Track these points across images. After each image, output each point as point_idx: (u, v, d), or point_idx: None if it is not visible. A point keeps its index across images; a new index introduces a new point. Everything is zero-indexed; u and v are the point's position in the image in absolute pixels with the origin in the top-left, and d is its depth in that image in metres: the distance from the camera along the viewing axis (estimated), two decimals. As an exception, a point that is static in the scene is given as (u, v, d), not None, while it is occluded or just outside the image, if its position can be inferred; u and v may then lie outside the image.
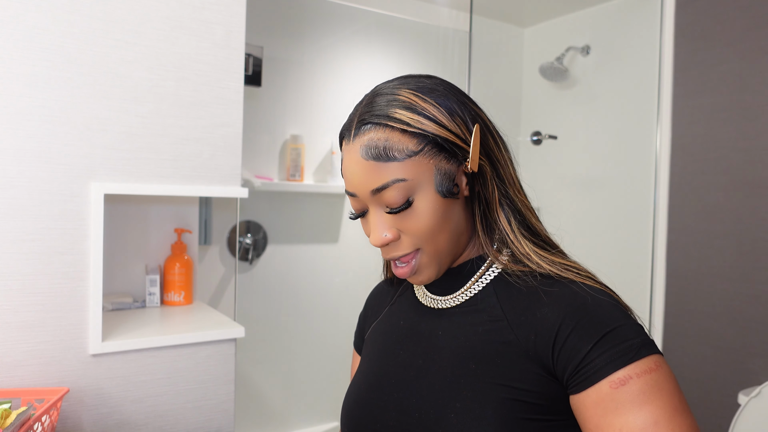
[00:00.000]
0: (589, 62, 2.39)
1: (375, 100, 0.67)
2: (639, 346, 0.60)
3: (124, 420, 1.19)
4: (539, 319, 0.64)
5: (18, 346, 1.10)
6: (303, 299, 2.24)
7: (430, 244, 0.67)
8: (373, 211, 0.68)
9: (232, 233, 1.98)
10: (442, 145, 0.65)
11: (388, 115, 0.65)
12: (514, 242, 0.68)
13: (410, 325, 0.77)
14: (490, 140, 0.69)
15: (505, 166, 0.70)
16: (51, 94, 1.12)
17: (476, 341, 0.68)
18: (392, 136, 0.64)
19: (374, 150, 0.65)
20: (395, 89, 0.67)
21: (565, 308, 0.63)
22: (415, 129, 0.64)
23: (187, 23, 1.26)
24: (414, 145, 0.64)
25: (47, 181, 1.12)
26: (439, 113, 0.65)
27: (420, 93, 0.66)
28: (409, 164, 0.64)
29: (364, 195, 0.67)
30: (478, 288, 0.71)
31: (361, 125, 0.66)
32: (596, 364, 0.59)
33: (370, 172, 0.65)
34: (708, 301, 1.94)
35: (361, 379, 0.78)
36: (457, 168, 0.67)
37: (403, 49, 2.41)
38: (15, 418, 0.91)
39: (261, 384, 2.17)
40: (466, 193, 0.69)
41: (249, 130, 1.95)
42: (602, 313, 0.62)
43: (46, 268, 1.12)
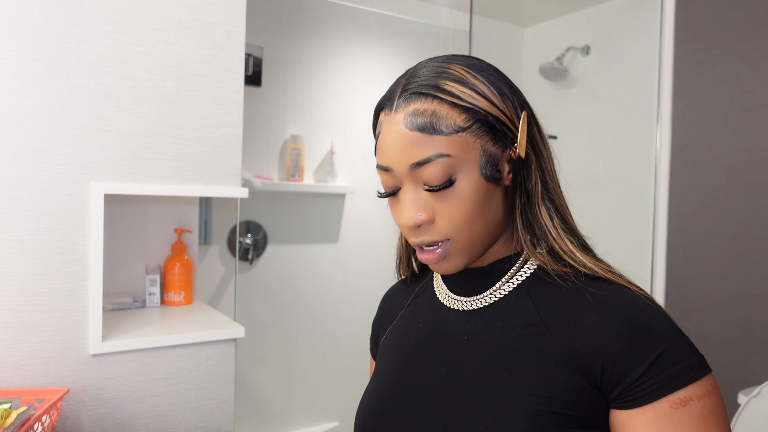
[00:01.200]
0: (589, 62, 2.39)
1: (420, 72, 0.63)
2: (698, 366, 0.57)
3: (124, 420, 1.19)
4: (585, 326, 0.59)
5: (18, 346, 1.10)
6: (303, 299, 2.24)
7: (465, 232, 0.62)
8: (408, 188, 0.62)
9: (232, 233, 1.98)
10: (492, 125, 0.60)
11: (438, 86, 0.60)
12: (557, 239, 0.63)
13: (431, 328, 0.71)
14: (535, 131, 0.65)
15: (547, 161, 0.66)
16: (51, 94, 1.12)
17: (508, 347, 0.62)
18: (440, 108, 0.59)
19: (420, 120, 0.59)
20: (444, 63, 0.63)
21: (617, 317, 0.59)
22: (466, 103, 0.60)
23: (187, 23, 1.26)
24: (463, 120, 0.59)
25: (47, 181, 1.12)
26: (489, 91, 0.61)
27: (470, 69, 0.62)
28: (455, 140, 0.59)
29: (401, 169, 0.61)
30: (508, 289, 0.66)
31: (406, 94, 0.61)
32: (656, 382, 0.56)
33: (412, 144, 0.60)
34: (708, 301, 1.94)
35: (377, 387, 0.72)
36: (501, 153, 0.62)
37: (403, 49, 2.41)
38: (15, 418, 0.91)
39: (261, 384, 2.17)
40: (507, 182, 0.64)
41: (249, 130, 1.95)
42: (657, 326, 0.58)
43: (46, 268, 1.12)
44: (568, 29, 2.48)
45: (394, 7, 2.33)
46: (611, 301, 0.60)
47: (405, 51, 2.42)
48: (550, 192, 0.65)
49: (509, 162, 0.63)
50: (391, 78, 0.70)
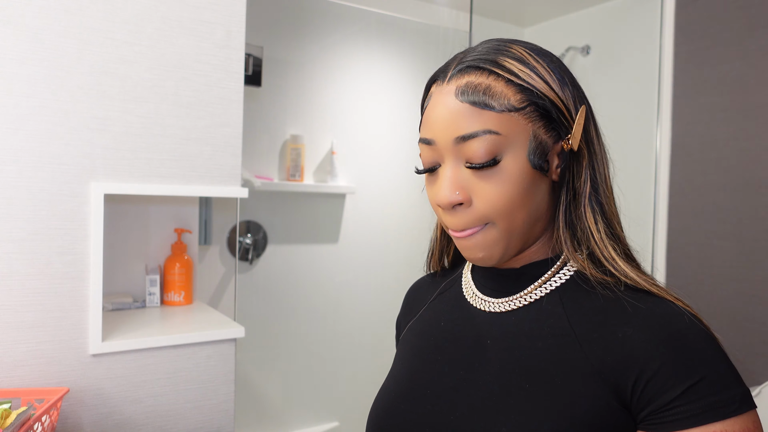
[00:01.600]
0: (589, 62, 2.39)
1: (479, 48, 0.60)
2: (740, 400, 0.51)
3: (124, 420, 1.19)
4: (620, 339, 0.55)
5: (18, 346, 1.10)
6: (303, 299, 2.24)
7: (505, 217, 0.58)
8: (449, 165, 0.58)
9: (232, 233, 1.98)
10: (547, 111, 0.57)
11: (496, 61, 0.57)
12: (599, 243, 0.58)
13: (453, 327, 0.67)
14: (592, 128, 0.62)
15: (601, 162, 0.62)
16: (51, 94, 1.12)
17: (534, 357, 0.58)
18: (496, 84, 0.57)
19: (473, 93, 0.56)
20: (505, 42, 0.60)
21: (657, 332, 0.54)
22: (523, 82, 0.57)
23: (187, 23, 1.26)
24: (518, 100, 0.56)
25: (47, 181, 1.12)
26: (550, 76, 0.58)
27: (533, 52, 0.59)
28: (506, 118, 0.56)
29: (446, 142, 0.58)
30: (541, 293, 0.61)
31: (462, 66, 0.58)
32: (691, 409, 0.51)
33: (461, 115, 0.56)
34: (708, 301, 1.94)
35: (392, 385, 0.69)
36: (553, 144, 0.59)
37: (403, 49, 2.41)
38: (15, 418, 0.91)
39: (261, 384, 2.17)
40: (554, 177, 0.60)
41: (249, 130, 1.95)
42: (701, 348, 0.53)
43: (46, 268, 1.12)
44: (568, 29, 2.48)
45: (394, 7, 2.33)
46: (652, 315, 0.55)
47: (405, 51, 2.42)
48: (599, 194, 0.60)
49: (560, 155, 0.60)
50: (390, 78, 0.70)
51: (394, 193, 2.42)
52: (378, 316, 2.41)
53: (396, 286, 2.42)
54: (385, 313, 2.42)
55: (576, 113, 0.59)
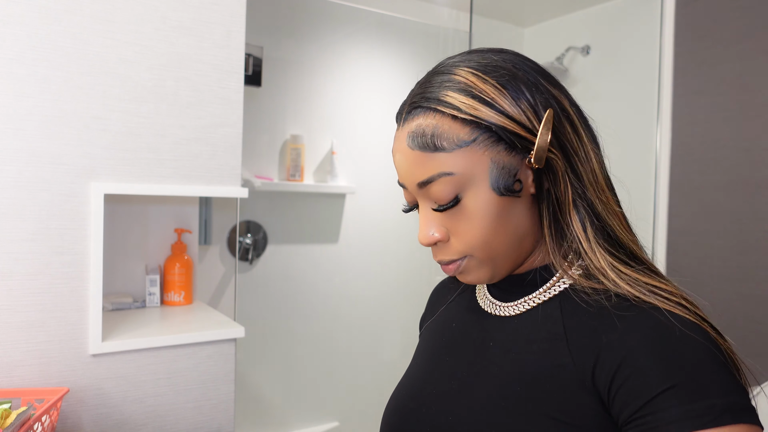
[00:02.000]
0: (589, 62, 2.39)
1: (431, 80, 0.59)
2: (722, 410, 0.47)
3: (124, 420, 1.19)
4: (605, 344, 0.53)
5: (18, 346, 1.10)
6: (303, 299, 2.24)
7: (482, 249, 0.58)
8: (422, 206, 0.60)
9: (232, 233, 1.98)
10: (500, 135, 0.55)
11: (439, 98, 0.57)
12: (588, 252, 0.57)
13: (463, 329, 0.68)
14: (567, 128, 0.58)
15: (584, 161, 0.58)
16: (51, 94, 1.12)
17: (528, 360, 0.58)
18: (442, 123, 0.56)
19: (421, 138, 0.57)
20: (453, 67, 0.58)
21: (640, 337, 0.52)
22: (467, 116, 0.55)
23: (187, 23, 1.26)
24: (466, 134, 0.55)
25: (47, 181, 1.12)
26: (500, 96, 0.56)
27: (479, 72, 0.57)
28: (460, 155, 0.56)
29: (412, 188, 0.59)
30: (543, 298, 0.61)
31: (411, 109, 0.59)
32: (664, 416, 0.48)
33: (415, 163, 0.57)
34: (708, 301, 1.94)
35: (405, 383, 0.70)
36: (520, 161, 0.57)
37: (403, 49, 2.41)
38: (15, 418, 0.91)
39: (261, 384, 2.17)
40: (532, 191, 0.59)
41: (249, 130, 1.95)
42: (686, 352, 0.50)
43: (46, 268, 1.12)
44: (568, 29, 2.48)
45: (394, 7, 2.33)
46: (638, 321, 0.53)
47: (405, 51, 2.42)
48: (588, 197, 0.57)
49: (532, 170, 0.57)
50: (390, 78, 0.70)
51: (394, 193, 2.41)
52: (378, 316, 2.41)
53: (396, 285, 2.42)
54: (385, 313, 2.42)
55: (539, 123, 0.56)
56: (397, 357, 2.39)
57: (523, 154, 0.57)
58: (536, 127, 0.56)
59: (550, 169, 0.57)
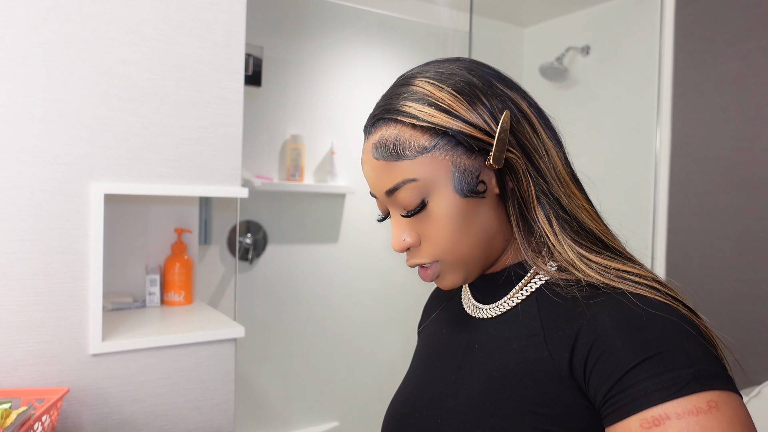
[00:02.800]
0: (589, 62, 2.39)
1: (392, 93, 0.62)
2: (688, 378, 0.47)
3: (124, 420, 1.19)
4: (575, 333, 0.55)
5: (18, 346, 1.10)
6: (303, 299, 2.24)
7: (451, 252, 0.60)
8: (393, 214, 0.63)
9: (232, 233, 1.98)
10: (458, 140, 0.58)
11: (398, 109, 0.60)
12: (557, 246, 0.58)
13: (450, 334, 0.70)
14: (525, 128, 0.60)
15: (545, 157, 0.60)
16: (51, 94, 1.12)
17: (508, 359, 0.60)
18: (402, 132, 0.59)
19: (384, 149, 0.59)
20: (411, 78, 0.61)
21: (606, 319, 0.53)
22: (425, 123, 0.57)
23: (187, 23, 1.26)
24: (425, 140, 0.58)
25: (47, 181, 1.12)
26: (455, 102, 0.58)
27: (435, 81, 0.60)
28: (421, 162, 0.58)
29: (381, 196, 0.62)
30: (521, 297, 0.63)
31: (374, 122, 0.62)
32: (631, 393, 0.49)
33: (381, 172, 0.60)
34: (708, 301, 1.94)
35: (401, 389, 0.73)
36: (481, 163, 0.59)
37: (403, 49, 2.41)
38: (15, 418, 0.91)
39: (261, 384, 2.17)
40: (497, 191, 0.61)
41: (249, 130, 1.95)
42: (652, 330, 0.50)
43: (46, 268, 1.12)
44: (568, 29, 2.48)
45: (394, 7, 2.33)
46: (605, 305, 0.54)
47: (405, 51, 2.42)
48: (552, 192, 0.59)
49: (494, 170, 0.60)
50: (391, 78, 0.70)
51: (394, 193, 2.41)
52: (378, 316, 2.41)
53: (396, 286, 2.42)
54: (385, 313, 2.42)
55: (496, 125, 0.58)
56: (397, 357, 2.39)
57: (483, 156, 0.59)
58: (494, 129, 0.58)
59: (511, 168, 0.60)
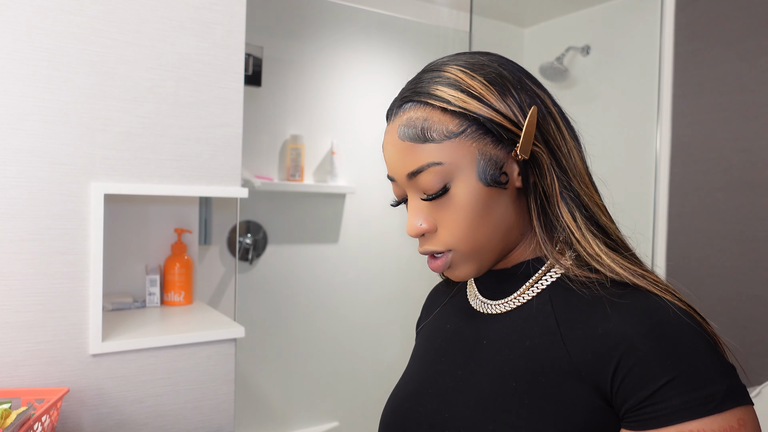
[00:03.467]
0: (589, 62, 2.39)
1: (421, 77, 0.62)
2: (723, 396, 0.49)
3: (124, 420, 1.19)
4: (600, 335, 0.54)
5: (18, 346, 1.10)
6: (303, 299, 2.24)
7: (467, 241, 0.60)
8: (411, 198, 0.62)
9: (232, 233, 1.98)
10: (488, 128, 0.58)
11: (429, 92, 0.59)
12: (581, 241, 0.58)
13: (456, 329, 0.70)
14: (550, 125, 0.60)
15: (568, 156, 0.61)
16: (51, 94, 1.12)
17: (521, 356, 0.59)
18: (432, 115, 0.58)
19: (411, 130, 0.59)
20: (443, 65, 0.61)
21: (636, 326, 0.53)
22: (456, 108, 0.58)
23: (187, 23, 1.26)
24: (455, 125, 0.58)
25: (47, 181, 1.12)
26: (487, 92, 0.58)
27: (467, 69, 0.60)
28: (447, 146, 0.58)
29: (401, 179, 0.61)
30: (532, 293, 0.62)
31: (402, 104, 0.61)
32: (668, 406, 0.50)
33: (406, 154, 0.60)
34: (708, 301, 1.94)
35: (402, 385, 0.72)
36: (506, 154, 0.59)
37: (403, 49, 2.41)
38: (15, 418, 0.91)
39: (261, 384, 2.17)
40: (518, 184, 0.61)
41: (249, 130, 1.94)
42: (684, 341, 0.51)
43: (46, 268, 1.12)
44: (568, 29, 2.47)
45: (394, 7, 2.33)
46: (633, 309, 0.54)
47: (405, 51, 2.42)
48: (573, 189, 0.60)
49: (518, 163, 0.60)
50: (390, 78, 0.70)
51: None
52: (378, 316, 2.41)
53: (396, 285, 2.42)
54: (385, 313, 2.42)
55: (524, 119, 0.58)
56: (397, 357, 2.39)
57: (510, 147, 0.59)
58: (521, 121, 0.58)
59: (535, 162, 0.60)
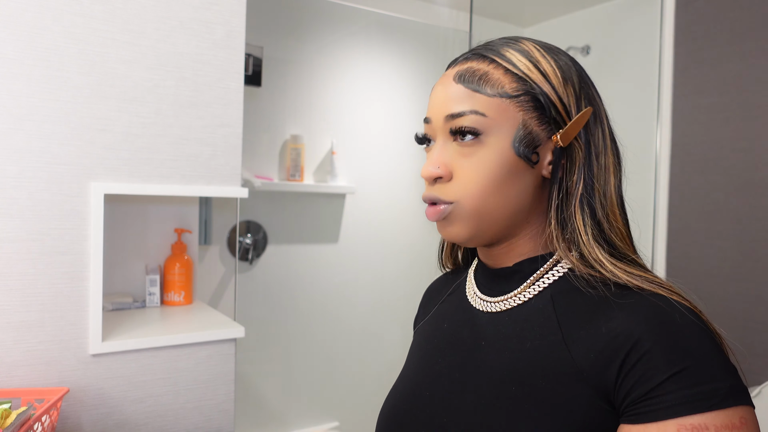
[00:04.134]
0: (589, 62, 2.39)
1: (494, 41, 0.64)
2: (726, 393, 0.49)
3: (124, 420, 1.19)
4: (604, 334, 0.54)
5: (18, 346, 1.10)
6: (303, 299, 2.24)
7: (474, 199, 0.59)
8: (439, 142, 0.62)
9: (232, 233, 1.98)
10: (541, 102, 0.59)
11: (499, 51, 0.61)
12: (586, 245, 0.58)
13: (453, 329, 0.68)
14: (598, 134, 0.61)
15: (603, 169, 0.60)
16: (51, 94, 1.12)
17: (521, 358, 0.58)
18: (494, 71, 0.60)
19: (469, 76, 0.60)
20: (518, 38, 0.63)
21: (643, 322, 0.53)
22: (520, 72, 0.59)
23: (187, 23, 1.26)
24: (511, 88, 0.59)
25: (47, 181, 1.12)
26: (552, 72, 0.60)
27: (542, 48, 0.62)
28: (496, 103, 0.58)
29: (438, 120, 0.61)
30: (533, 292, 0.61)
31: (470, 55, 0.63)
32: (669, 399, 0.49)
33: (454, 96, 0.60)
34: (708, 301, 1.94)
35: (398, 387, 0.71)
36: (546, 137, 0.60)
37: (403, 49, 2.41)
38: (15, 418, 0.91)
39: (261, 384, 2.17)
40: (545, 173, 0.61)
41: (249, 130, 1.95)
42: (689, 337, 0.51)
43: (46, 268, 1.12)
44: (568, 29, 2.47)
45: (394, 7, 2.33)
46: (639, 306, 0.54)
47: (405, 51, 2.42)
48: (593, 198, 0.59)
49: (553, 152, 0.60)
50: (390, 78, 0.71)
51: (394, 193, 2.41)
52: (378, 315, 2.41)
53: (396, 285, 2.42)
54: (385, 313, 2.42)
55: (576, 111, 0.60)
56: (397, 357, 2.39)
57: (551, 132, 0.60)
58: (573, 112, 0.60)
59: (569, 157, 0.60)
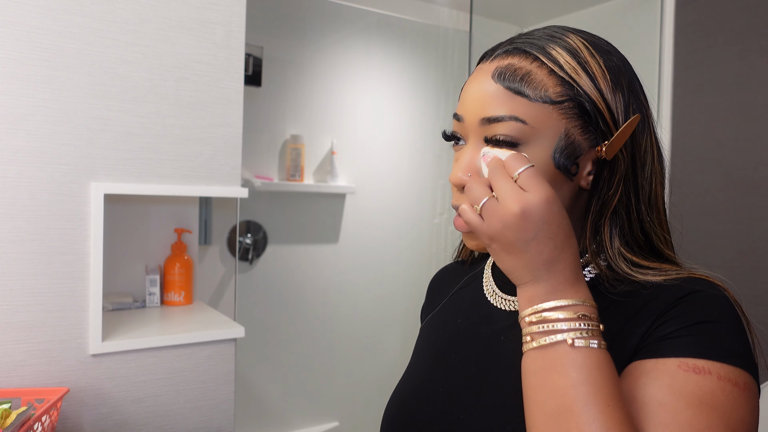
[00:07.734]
0: (589, 62, 2.39)
1: (538, 32, 0.57)
2: (738, 354, 0.48)
3: (124, 420, 1.19)
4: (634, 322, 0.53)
5: (18, 346, 1.10)
6: (303, 299, 2.24)
7: None
8: (470, 146, 0.56)
9: (232, 233, 1.98)
10: (587, 110, 0.53)
11: (544, 48, 0.54)
12: (611, 257, 0.57)
13: (469, 324, 0.66)
14: (645, 141, 0.57)
15: (648, 181, 0.57)
16: (51, 94, 1.12)
17: None
18: (537, 71, 0.54)
19: (510, 76, 0.54)
20: (565, 30, 0.57)
21: (668, 298, 0.52)
22: (566, 75, 0.53)
23: (187, 23, 1.26)
24: (555, 93, 0.53)
25: (47, 181, 1.12)
26: (601, 75, 0.54)
27: (591, 46, 0.56)
28: (538, 109, 0.53)
29: (472, 121, 0.56)
30: None
31: (509, 48, 0.56)
32: (679, 343, 0.49)
33: (492, 97, 0.54)
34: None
35: (407, 383, 0.68)
36: (589, 147, 0.55)
37: (403, 49, 2.41)
38: (15, 418, 0.91)
39: (261, 384, 2.17)
40: (583, 183, 0.57)
41: (249, 130, 1.95)
42: (713, 305, 0.51)
43: (46, 268, 1.12)
44: (568, 29, 2.47)
45: (394, 7, 2.33)
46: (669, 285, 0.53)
47: (405, 51, 2.42)
48: (632, 215, 0.57)
49: (594, 162, 0.56)
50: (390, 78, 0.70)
51: (394, 193, 2.41)
52: (378, 316, 2.41)
53: (396, 285, 2.42)
54: (385, 313, 2.42)
55: (624, 119, 0.55)
56: (397, 357, 2.39)
57: (595, 142, 0.55)
58: (620, 121, 0.55)
59: (611, 169, 0.56)
